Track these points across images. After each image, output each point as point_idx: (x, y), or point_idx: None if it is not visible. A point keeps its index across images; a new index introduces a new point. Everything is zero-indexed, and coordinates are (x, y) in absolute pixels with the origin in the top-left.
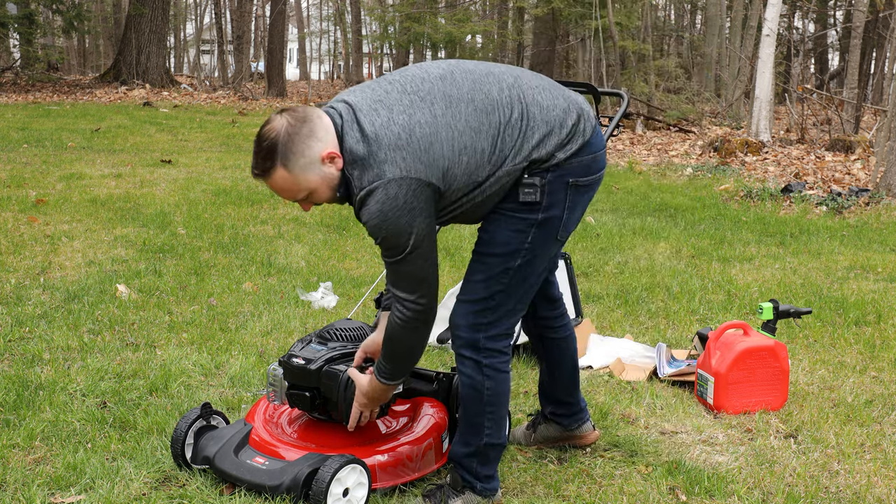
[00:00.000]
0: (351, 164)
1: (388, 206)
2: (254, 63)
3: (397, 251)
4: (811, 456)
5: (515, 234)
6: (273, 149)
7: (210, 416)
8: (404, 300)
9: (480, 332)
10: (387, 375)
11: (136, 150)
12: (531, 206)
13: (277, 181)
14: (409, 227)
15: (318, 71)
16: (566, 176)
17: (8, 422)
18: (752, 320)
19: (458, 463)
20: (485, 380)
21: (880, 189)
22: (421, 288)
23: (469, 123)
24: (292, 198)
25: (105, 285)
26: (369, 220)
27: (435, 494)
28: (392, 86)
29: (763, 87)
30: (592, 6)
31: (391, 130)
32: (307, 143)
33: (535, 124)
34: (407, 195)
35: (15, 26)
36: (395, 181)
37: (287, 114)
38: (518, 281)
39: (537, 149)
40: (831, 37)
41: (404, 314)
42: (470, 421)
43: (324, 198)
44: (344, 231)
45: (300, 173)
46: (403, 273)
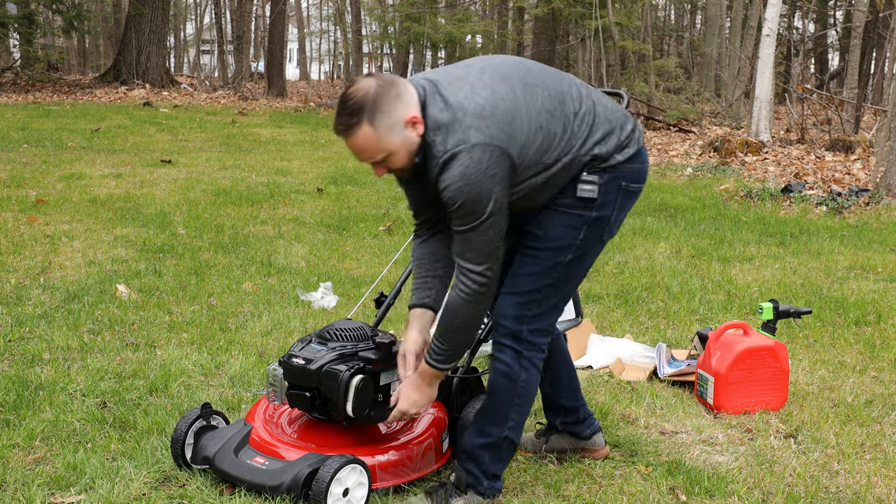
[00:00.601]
0: (434, 130)
1: (472, 169)
2: (254, 63)
3: (473, 217)
4: (811, 456)
5: (568, 230)
6: (361, 106)
7: (210, 416)
8: (471, 271)
9: (524, 324)
10: (440, 357)
11: (136, 150)
12: (587, 203)
13: (360, 139)
14: (488, 192)
15: (318, 71)
16: (620, 179)
17: (8, 422)
18: (752, 320)
19: (470, 454)
20: (521, 371)
21: (880, 189)
22: (489, 259)
23: (545, 106)
24: (370, 158)
25: (105, 285)
26: (451, 184)
27: (437, 492)
28: (468, 68)
29: (763, 87)
30: (592, 6)
31: (475, 101)
32: (394, 104)
33: (600, 121)
34: (490, 161)
35: (15, 26)
36: (479, 146)
37: (375, 77)
38: (565, 277)
39: (600, 144)
40: (831, 37)
41: (468, 286)
42: (496, 411)
43: (400, 163)
44: (344, 231)
45: (384, 133)
46: (475, 242)
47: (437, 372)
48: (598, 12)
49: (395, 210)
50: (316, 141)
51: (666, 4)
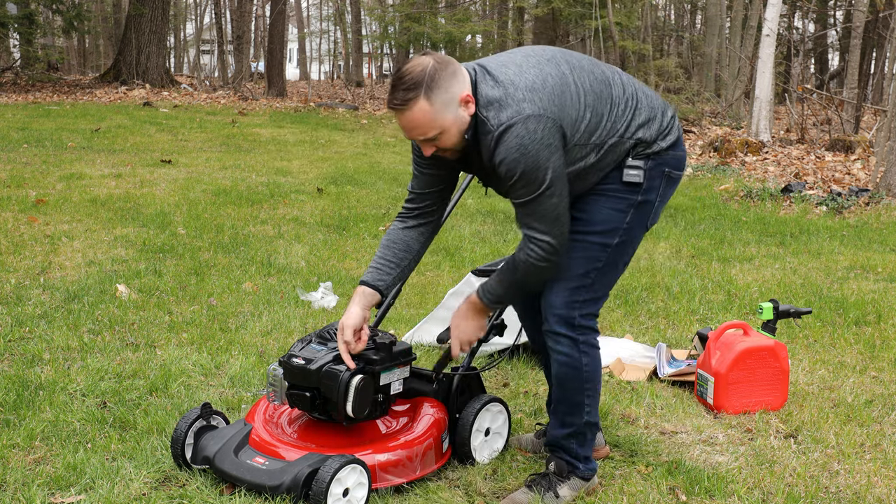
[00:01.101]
0: (486, 106)
1: (528, 139)
2: (254, 63)
3: (534, 187)
4: (811, 456)
5: (615, 213)
6: (419, 81)
7: (210, 416)
8: (538, 239)
9: (576, 309)
10: (493, 298)
11: (136, 150)
12: (633, 187)
13: (416, 114)
14: (546, 161)
15: (318, 71)
16: (663, 165)
17: (8, 422)
18: (752, 320)
19: (559, 446)
20: (582, 356)
21: (880, 189)
22: (556, 226)
23: (592, 87)
24: (423, 134)
25: (105, 285)
26: (507, 156)
27: (539, 483)
28: (513, 55)
29: (763, 87)
30: (592, 6)
31: (525, 78)
32: (451, 81)
33: (642, 106)
34: (545, 131)
35: (15, 26)
36: (533, 117)
37: (431, 54)
38: (613, 260)
39: (643, 128)
40: (831, 37)
41: (536, 252)
42: (569, 401)
43: (451, 141)
44: (344, 231)
45: (440, 109)
46: (539, 212)
47: (485, 307)
48: (598, 12)
49: (395, 210)
50: (316, 141)
51: (666, 4)
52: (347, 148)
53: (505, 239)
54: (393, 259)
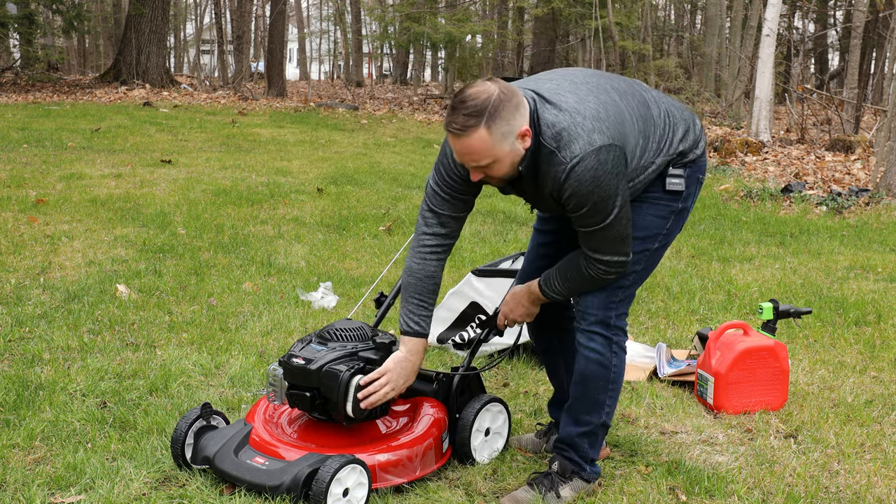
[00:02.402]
0: (553, 137)
1: (601, 171)
2: (254, 63)
3: (605, 214)
4: (811, 456)
5: (658, 220)
6: (483, 109)
7: (210, 416)
8: (606, 261)
9: (612, 310)
10: (554, 293)
11: (136, 150)
12: (675, 195)
13: (474, 141)
14: (616, 189)
15: (318, 71)
16: (697, 172)
17: (8, 422)
18: (752, 320)
19: (570, 444)
20: (612, 356)
21: (880, 189)
22: (625, 246)
23: (639, 112)
24: (475, 161)
25: (105, 285)
26: (580, 188)
27: (541, 482)
28: (558, 80)
29: (763, 87)
30: (592, 6)
31: (587, 106)
32: (514, 114)
33: (676, 122)
34: (615, 161)
35: (15, 26)
36: (605, 148)
37: (496, 83)
38: (650, 264)
39: (682, 141)
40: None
41: (604, 269)
42: (591, 398)
43: (502, 171)
44: (344, 231)
45: (498, 140)
46: (609, 237)
47: (546, 300)
48: (598, 12)
49: (395, 210)
50: (316, 141)
51: (666, 4)
52: (347, 148)
53: (505, 239)
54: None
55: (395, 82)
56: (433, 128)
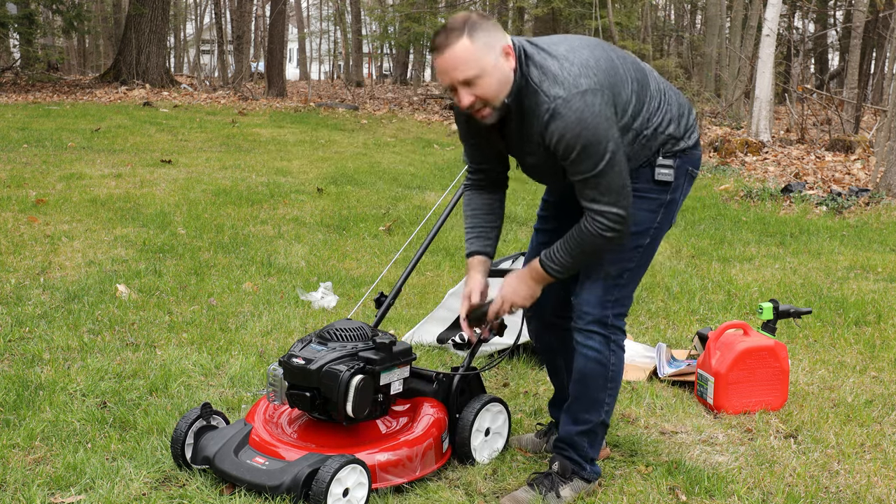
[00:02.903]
0: (539, 77)
1: (587, 113)
2: (254, 63)
3: (596, 159)
4: (811, 456)
5: (647, 214)
6: (463, 23)
7: (210, 416)
8: (605, 212)
9: (609, 308)
10: (558, 269)
11: (136, 150)
12: (664, 186)
13: (458, 50)
14: (606, 133)
15: (318, 71)
16: (687, 164)
17: (8, 422)
18: (752, 320)
19: (570, 443)
20: (611, 355)
21: (880, 189)
22: (621, 196)
23: (636, 76)
24: (462, 75)
25: (105, 285)
26: (567, 131)
27: (542, 482)
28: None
29: (763, 87)
30: (592, 6)
31: (578, 55)
32: (492, 30)
33: (671, 102)
34: (602, 105)
35: (15, 26)
36: (591, 91)
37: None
38: (644, 260)
39: (673, 124)
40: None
41: (604, 224)
42: (590, 397)
43: (491, 89)
44: (344, 231)
45: (482, 48)
46: (604, 185)
47: (548, 277)
48: (598, 12)
49: (395, 210)
50: (316, 141)
51: (666, 4)
52: (347, 148)
53: (505, 239)
54: (485, 223)
55: (395, 82)
56: (433, 128)
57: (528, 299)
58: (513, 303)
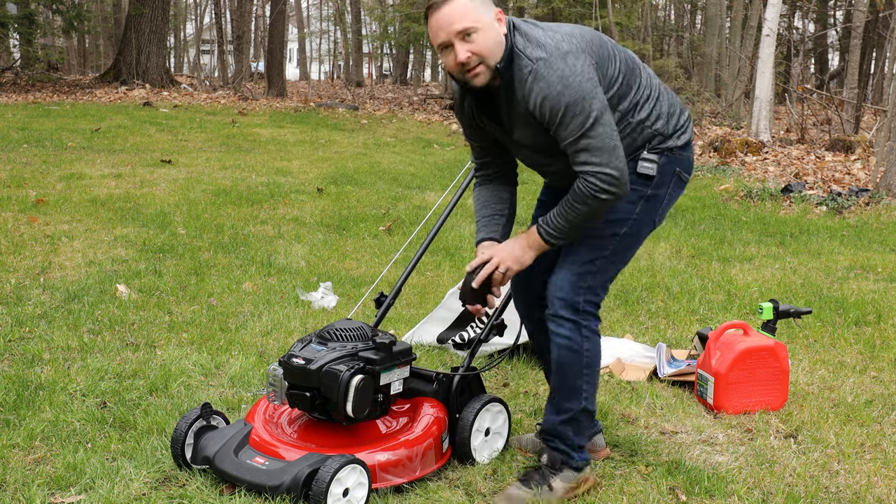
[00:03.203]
0: (524, 45)
1: (569, 71)
2: (254, 63)
3: (583, 118)
4: (811, 456)
5: (626, 204)
6: None
7: (210, 416)
8: (597, 173)
9: (580, 294)
10: (554, 233)
11: (136, 150)
12: (646, 180)
13: (457, 5)
14: (591, 91)
15: (318, 71)
16: (675, 164)
17: (8, 422)
18: (752, 320)
19: (554, 433)
20: (584, 341)
21: (880, 189)
22: (613, 157)
23: (626, 60)
24: (460, 26)
25: (105, 285)
26: (549, 91)
27: (532, 477)
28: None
29: (763, 87)
30: (592, 6)
31: (564, 28)
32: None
33: (663, 99)
34: (584, 66)
35: (15, 26)
36: (572, 53)
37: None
38: (619, 250)
39: (661, 120)
40: (831, 37)
41: (597, 185)
42: (568, 385)
43: (487, 45)
44: (344, 231)
45: (479, 5)
46: (594, 144)
47: (543, 243)
48: (598, 12)
49: (395, 210)
50: (316, 141)
51: (666, 4)
52: (347, 148)
53: None
54: (494, 212)
55: (395, 82)
56: (433, 128)
57: (520, 263)
58: (506, 264)
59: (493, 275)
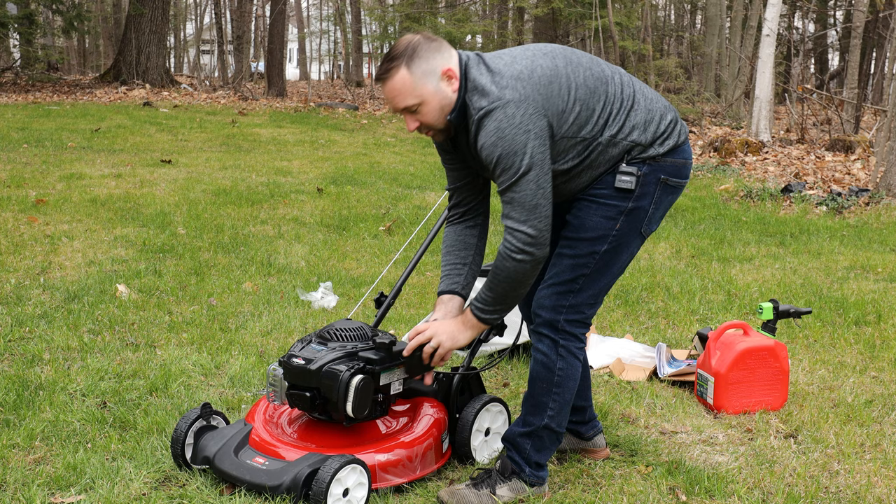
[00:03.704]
0: (472, 91)
1: (506, 124)
2: (254, 63)
3: (511, 172)
4: (811, 456)
5: (605, 221)
6: (402, 52)
7: (210, 416)
8: (515, 230)
9: (561, 313)
10: (483, 307)
11: (136, 150)
12: (624, 194)
13: (396, 82)
14: (524, 146)
15: (318, 71)
16: (659, 172)
17: (8, 422)
18: (752, 320)
19: (512, 443)
20: (558, 359)
21: (880, 189)
22: (532, 216)
23: (587, 83)
24: (403, 103)
25: (105, 285)
26: (486, 141)
27: (484, 480)
28: (514, 48)
29: (763, 87)
30: (592, 6)
31: (514, 68)
32: (433, 54)
33: (639, 108)
34: (524, 116)
35: (15, 26)
36: (513, 102)
37: (420, 33)
38: (602, 267)
39: (638, 130)
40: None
41: (513, 244)
42: (535, 400)
43: (432, 116)
44: (344, 231)
45: (419, 78)
46: (518, 199)
47: (478, 322)
48: (598, 12)
49: (395, 210)
50: (316, 141)
51: (666, 4)
52: (347, 148)
53: None
54: (457, 260)
55: None
56: None
57: (457, 343)
58: (442, 343)
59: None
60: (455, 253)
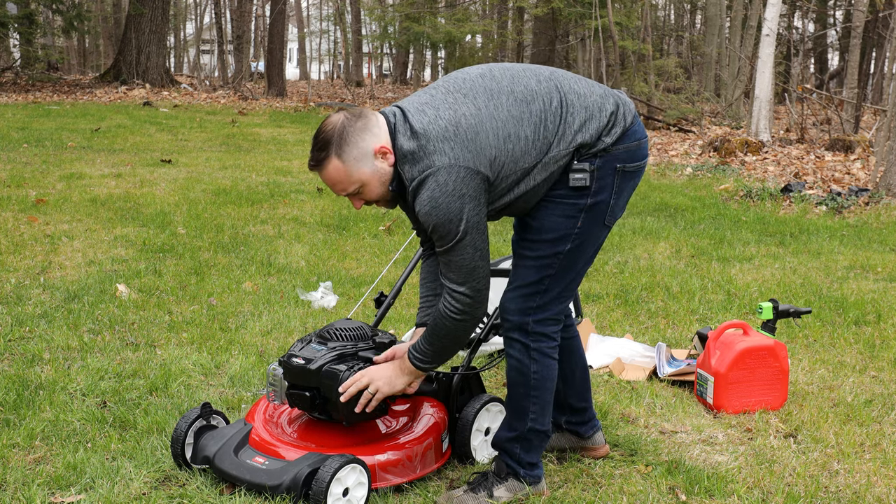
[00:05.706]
0: (402, 159)
1: (438, 192)
2: (254, 63)
3: (448, 238)
4: (811, 456)
5: (565, 220)
6: (329, 140)
7: (210, 415)
8: (454, 291)
9: (529, 315)
10: (421, 358)
11: (136, 150)
12: (581, 191)
13: (331, 172)
14: (459, 212)
15: (318, 71)
16: (614, 161)
17: (8, 422)
18: (752, 320)
19: (502, 448)
20: (532, 363)
21: (880, 189)
22: (470, 278)
23: (511, 113)
24: (343, 190)
25: (105, 285)
26: (421, 209)
27: (480, 483)
28: (437, 90)
29: (763, 87)
30: (592, 6)
31: (438, 125)
32: (361, 135)
33: (574, 110)
34: (456, 182)
35: (15, 26)
36: (444, 169)
37: (343, 111)
38: (567, 266)
39: (581, 133)
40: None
41: (452, 305)
42: (515, 405)
43: (375, 193)
44: (344, 231)
45: (353, 164)
46: (455, 262)
47: (414, 369)
48: (597, 12)
49: (394, 210)
50: None
51: (666, 4)
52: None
53: (505, 239)
54: (430, 292)
55: (394, 82)
56: None
57: (393, 388)
58: (378, 387)
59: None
60: (428, 285)
